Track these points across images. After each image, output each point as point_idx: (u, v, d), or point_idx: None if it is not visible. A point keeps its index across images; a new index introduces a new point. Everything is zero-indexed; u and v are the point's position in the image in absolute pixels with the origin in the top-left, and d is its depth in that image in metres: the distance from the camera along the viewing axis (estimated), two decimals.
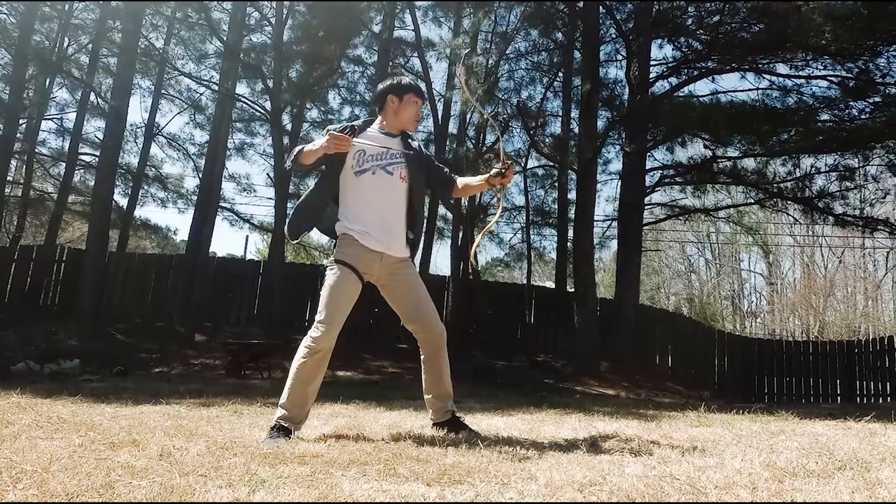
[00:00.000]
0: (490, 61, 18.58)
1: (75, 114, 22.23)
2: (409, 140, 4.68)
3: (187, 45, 22.68)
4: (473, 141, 19.38)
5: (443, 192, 4.88)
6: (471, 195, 4.47)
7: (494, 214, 4.77)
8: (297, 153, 4.36)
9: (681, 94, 18.62)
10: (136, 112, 63.16)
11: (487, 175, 4.50)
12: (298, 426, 4.23)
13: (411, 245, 4.58)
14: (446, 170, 4.85)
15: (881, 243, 36.34)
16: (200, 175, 21.69)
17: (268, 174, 23.43)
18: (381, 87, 4.67)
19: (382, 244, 4.37)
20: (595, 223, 18.22)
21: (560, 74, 20.27)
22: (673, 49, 19.30)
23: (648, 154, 19.05)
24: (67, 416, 4.80)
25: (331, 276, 4.30)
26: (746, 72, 17.99)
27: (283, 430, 4.09)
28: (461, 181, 4.76)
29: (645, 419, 6.13)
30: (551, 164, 21.04)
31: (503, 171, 4.39)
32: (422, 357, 4.58)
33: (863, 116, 16.66)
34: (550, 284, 23.62)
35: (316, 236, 24.44)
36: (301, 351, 4.22)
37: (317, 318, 4.23)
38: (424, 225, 4.85)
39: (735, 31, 16.70)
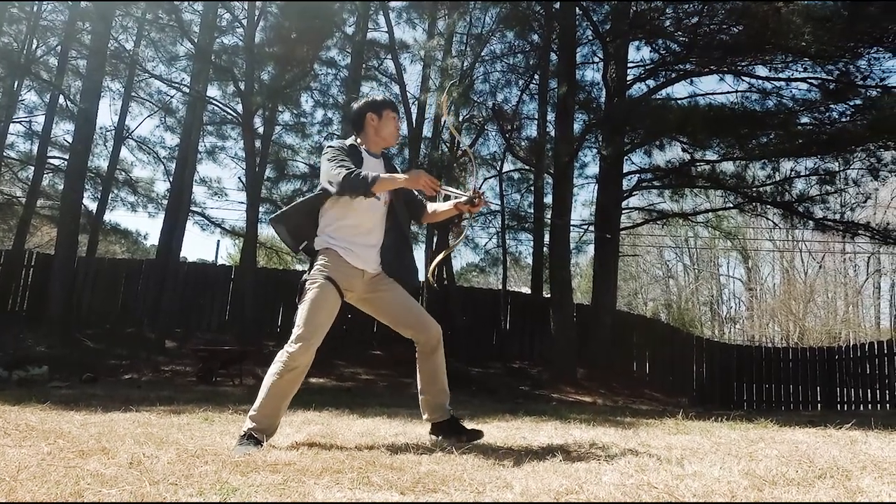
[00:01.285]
0: (465, 63, 18.39)
1: (44, 117, 22.02)
2: (391, 163, 4.74)
3: (158, 46, 22.53)
4: (448, 144, 19.18)
5: (414, 216, 4.84)
6: (440, 220, 4.53)
7: (462, 230, 4.88)
8: (372, 180, 4.11)
9: (658, 97, 18.45)
10: (106, 115, 62.68)
11: (457, 201, 4.52)
12: (269, 437, 4.14)
13: (406, 271, 4.61)
14: (417, 195, 4.83)
15: (862, 248, 36.41)
16: (171, 179, 21.55)
17: (239, 178, 23.14)
18: (356, 107, 4.67)
19: (363, 261, 4.37)
20: (572, 228, 18.08)
21: (536, 77, 20.16)
22: (651, 51, 19.21)
23: (626, 157, 18.93)
24: (36, 423, 4.81)
25: (312, 290, 4.22)
26: (725, 74, 17.95)
27: (253, 440, 4.01)
28: (431, 206, 4.80)
29: (622, 427, 6.10)
30: (527, 167, 20.95)
31: (474, 199, 4.43)
32: (418, 358, 4.53)
33: (843, 119, 16.57)
34: (526, 290, 23.52)
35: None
36: (276, 366, 4.13)
37: (295, 332, 4.14)
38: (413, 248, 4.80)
39: (714, 33, 16.56)
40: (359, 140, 4.59)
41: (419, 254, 25.99)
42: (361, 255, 4.34)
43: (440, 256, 5.58)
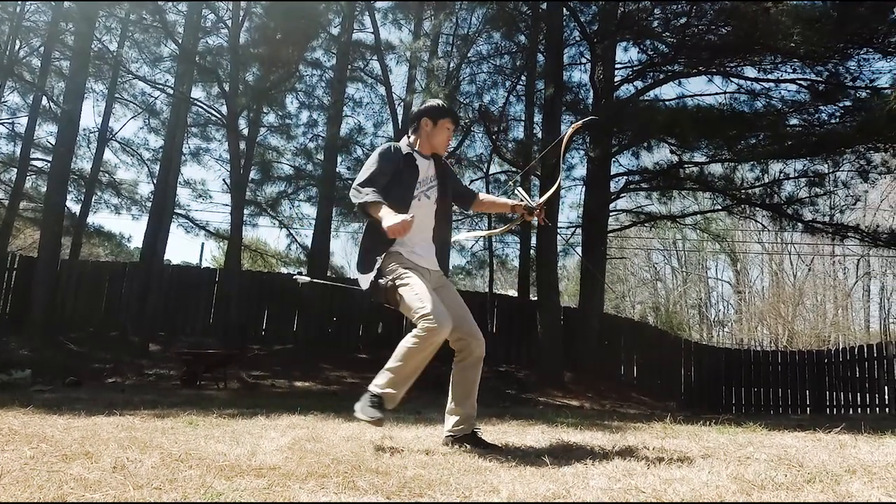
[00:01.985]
0: (451, 64, 18.28)
1: (27, 118, 21.87)
2: (442, 163, 4.81)
3: (142, 47, 22.52)
4: None
5: (463, 205, 5.01)
6: (489, 212, 4.66)
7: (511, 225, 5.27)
8: (370, 203, 4.27)
9: (646, 98, 18.41)
10: (89, 116, 62.62)
11: (516, 202, 4.78)
12: (391, 407, 4.29)
13: (446, 268, 4.82)
14: (464, 183, 5.11)
15: (851, 251, 36.41)
16: (155, 181, 21.52)
17: (224, 180, 23.12)
18: (417, 109, 4.82)
19: (427, 261, 4.53)
20: (559, 230, 17.98)
21: (523, 78, 20.05)
22: (638, 52, 19.19)
23: (613, 159, 18.84)
24: (19, 427, 4.77)
25: (403, 280, 4.29)
26: (714, 75, 17.92)
27: (381, 406, 4.17)
28: (484, 196, 5.04)
29: (610, 430, 6.08)
30: (514, 169, 20.83)
31: (534, 210, 4.69)
32: (456, 367, 4.53)
33: (833, 121, 16.54)
34: (513, 293, 23.40)
35: (273, 242, 24.04)
36: (413, 340, 4.16)
37: (418, 317, 4.12)
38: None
39: (702, 34, 16.52)
40: (412, 139, 4.70)
41: None
42: (423, 254, 4.50)
43: (482, 234, 5.61)
